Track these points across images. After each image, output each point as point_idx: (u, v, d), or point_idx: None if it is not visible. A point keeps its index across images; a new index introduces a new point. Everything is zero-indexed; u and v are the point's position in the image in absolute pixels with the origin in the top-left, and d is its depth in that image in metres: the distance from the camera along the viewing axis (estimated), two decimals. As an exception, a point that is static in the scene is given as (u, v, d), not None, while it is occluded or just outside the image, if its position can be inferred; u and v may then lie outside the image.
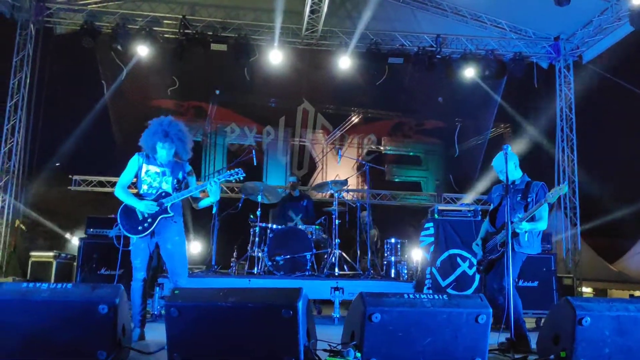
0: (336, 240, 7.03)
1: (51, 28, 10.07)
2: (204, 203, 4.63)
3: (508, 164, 4.95)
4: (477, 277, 6.51)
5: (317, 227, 7.26)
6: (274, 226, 7.10)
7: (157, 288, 5.95)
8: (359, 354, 3.01)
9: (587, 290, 15.05)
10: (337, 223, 7.13)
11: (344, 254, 7.20)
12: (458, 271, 6.60)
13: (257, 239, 6.93)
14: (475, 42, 11.11)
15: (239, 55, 10.41)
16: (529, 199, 4.70)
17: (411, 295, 3.24)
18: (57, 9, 9.96)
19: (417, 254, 7.42)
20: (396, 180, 13.13)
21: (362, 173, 12.80)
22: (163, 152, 4.52)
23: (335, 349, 3.31)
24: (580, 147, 11.01)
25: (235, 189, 11.17)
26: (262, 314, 2.90)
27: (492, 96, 11.71)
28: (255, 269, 6.83)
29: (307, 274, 6.68)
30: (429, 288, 6.53)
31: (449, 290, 6.52)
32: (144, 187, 4.52)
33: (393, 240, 7.33)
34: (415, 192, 12.92)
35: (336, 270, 6.91)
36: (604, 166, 13.23)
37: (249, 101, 11.65)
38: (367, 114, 12.51)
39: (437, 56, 10.84)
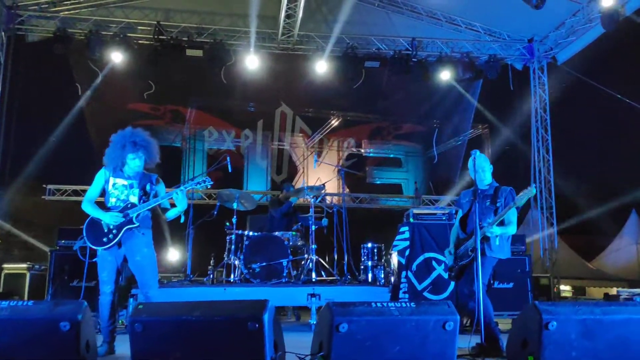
0: (313, 246, 7.01)
1: (23, 36, 9.92)
2: (171, 214, 4.62)
3: (486, 168, 5.00)
4: (453, 280, 6.53)
5: (293, 233, 7.23)
6: (251, 233, 7.06)
7: (131, 299, 5.88)
8: (326, 365, 3.01)
9: (565, 288, 15.23)
10: (313, 229, 7.10)
11: (321, 260, 7.19)
12: (434, 274, 6.62)
13: (233, 246, 6.89)
14: (451, 45, 11.18)
15: (214, 61, 10.39)
16: (497, 204, 4.74)
17: (379, 304, 3.24)
18: (28, 17, 9.82)
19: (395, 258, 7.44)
20: (377, 182, 13.19)
21: (347, 176, 13.00)
22: (136, 162, 4.51)
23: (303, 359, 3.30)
24: (555, 148, 11.13)
25: (213, 196, 11.11)
26: (227, 328, 2.88)
27: (469, 98, 11.82)
28: (232, 276, 6.79)
29: (283, 280, 6.65)
30: (405, 292, 6.54)
31: (425, 294, 6.54)
32: (112, 200, 4.50)
33: (370, 244, 7.33)
34: (395, 195, 12.98)
35: (313, 276, 6.89)
36: (579, 166, 13.44)
37: (226, 105, 11.62)
38: (346, 117, 12.54)
39: (413, 59, 10.90)
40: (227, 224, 7.06)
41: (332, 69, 10.73)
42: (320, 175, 12.93)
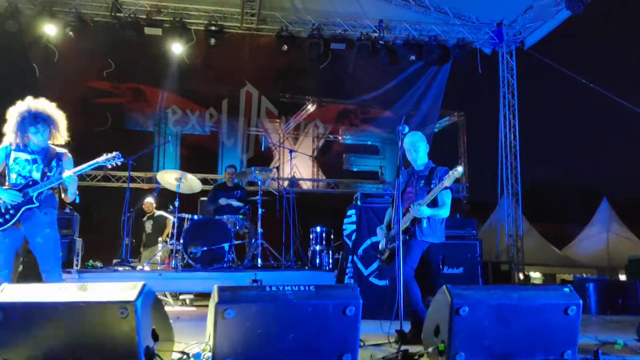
0: (259, 230, 6.81)
1: (-28, 11, 9.54)
2: (69, 194, 4.32)
3: (420, 147, 4.81)
4: (401, 265, 6.37)
5: (240, 217, 7.02)
6: (195, 217, 6.85)
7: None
8: (209, 355, 2.82)
9: (535, 275, 15.24)
10: (260, 212, 6.90)
11: (268, 245, 6.99)
12: (380, 259, 6.43)
13: (175, 230, 6.67)
14: (419, 28, 10.96)
15: (174, 40, 10.13)
16: (432, 185, 4.55)
17: (274, 288, 3.04)
18: (-22, -9, 9.44)
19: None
20: (354, 169, 13.05)
21: (320, 163, 12.84)
22: (39, 136, 4.25)
23: (186, 350, 3.10)
24: (523, 133, 10.97)
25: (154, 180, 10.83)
26: (96, 314, 2.67)
27: (437, 83, 11.61)
28: (173, 261, 6.58)
29: (225, 266, 6.44)
30: (350, 277, 6.37)
31: (372, 279, 6.38)
32: (13, 176, 4.22)
33: (319, 228, 7.15)
34: (363, 180, 12.82)
35: (258, 261, 6.70)
36: (549, 153, 13.35)
37: (189, 84, 11.32)
38: (312, 99, 12.30)
39: (380, 42, 10.67)
40: (171, 207, 6.84)
41: (297, 50, 10.49)
42: (297, 162, 12.81)
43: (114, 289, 2.76)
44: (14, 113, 4.26)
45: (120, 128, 11.27)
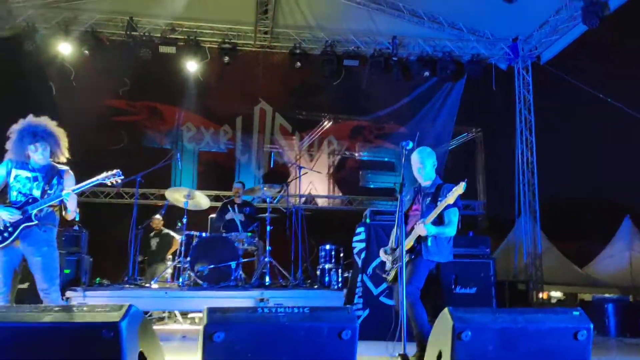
0: (267, 248, 6.72)
1: (-8, 31, 9.74)
2: (69, 211, 4.29)
3: (427, 163, 4.71)
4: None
5: (249, 234, 6.94)
6: (204, 234, 6.79)
7: (65, 302, 5.61)
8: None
9: (557, 294, 14.85)
10: (268, 230, 6.81)
11: (276, 263, 6.88)
12: (390, 279, 6.29)
13: (183, 247, 6.61)
14: (433, 44, 10.90)
15: (188, 58, 10.20)
16: (438, 203, 4.42)
17: (266, 310, 2.94)
18: (-3, 12, 9.63)
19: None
20: (371, 186, 12.96)
21: (336, 180, 12.77)
22: (38, 154, 4.24)
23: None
24: (541, 149, 10.77)
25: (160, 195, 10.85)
26: (80, 335, 2.60)
27: (452, 99, 11.50)
28: (181, 279, 6.51)
29: (231, 284, 6.35)
30: (359, 297, 6.23)
31: (382, 299, 6.24)
32: (13, 193, 4.22)
33: (328, 246, 7.03)
34: (379, 197, 12.71)
35: (267, 279, 6.60)
36: (569, 170, 13.05)
37: (204, 102, 11.39)
38: (328, 115, 12.27)
39: (394, 58, 10.60)
40: (179, 224, 6.80)
41: (310, 66, 10.50)
42: (313, 179, 12.76)
43: (100, 310, 2.69)
44: (14, 131, 4.25)
45: (136, 146, 11.36)
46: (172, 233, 8.03)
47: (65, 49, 9.70)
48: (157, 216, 8.20)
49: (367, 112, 12.06)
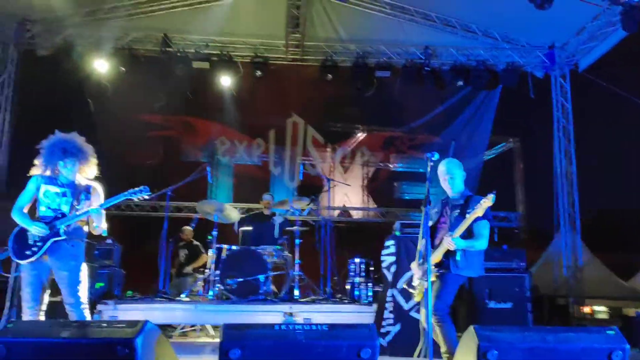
0: (296, 261, 6.68)
1: (33, 50, 10.06)
2: (96, 227, 4.34)
3: (456, 175, 4.60)
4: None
5: (278, 247, 6.92)
6: (234, 247, 6.80)
7: (97, 315, 5.70)
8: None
9: (600, 309, 14.32)
10: (297, 243, 6.78)
11: (306, 276, 6.83)
12: (422, 293, 6.15)
13: (213, 261, 6.64)
14: (466, 53, 10.72)
15: (221, 73, 10.32)
16: (467, 215, 4.30)
17: (283, 327, 2.90)
18: (37, 31, 9.95)
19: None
20: (406, 197, 12.83)
21: (370, 191, 12.68)
22: (67, 170, 4.30)
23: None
24: (581, 158, 10.45)
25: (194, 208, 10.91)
26: (97, 351, 2.61)
27: (487, 109, 11.30)
28: (211, 292, 6.53)
29: (260, 298, 6.33)
30: (390, 312, 6.13)
31: (412, 314, 6.11)
32: (42, 208, 4.30)
33: (357, 259, 6.94)
34: (415, 210, 12.54)
35: (295, 293, 6.55)
36: (609, 178, 12.64)
37: (237, 116, 11.48)
38: (358, 127, 12.23)
39: (426, 68, 10.47)
40: (209, 237, 6.83)
41: (342, 78, 10.48)
42: (348, 191, 12.72)
43: (116, 326, 2.69)
44: (44, 146, 4.33)
45: (173, 160, 11.53)
46: (201, 246, 8.08)
47: (102, 66, 9.94)
48: (188, 227, 8.27)
49: (400, 122, 11.96)
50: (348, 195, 12.60)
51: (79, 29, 9.96)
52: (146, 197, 4.41)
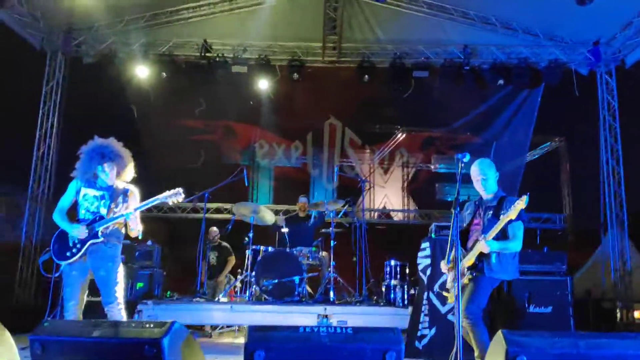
0: (332, 263, 6.69)
1: (79, 58, 10.42)
2: (132, 230, 4.46)
3: (489, 175, 4.51)
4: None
5: (313, 249, 6.95)
6: (270, 249, 6.87)
7: (137, 315, 5.85)
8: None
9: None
10: (332, 245, 6.78)
11: (342, 278, 6.83)
12: (459, 296, 6.06)
13: (249, 262, 6.72)
14: (507, 51, 10.51)
15: (259, 77, 10.45)
16: (501, 216, 4.20)
17: (307, 329, 2.90)
18: (83, 39, 10.30)
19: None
20: (448, 199, 12.67)
21: (411, 193, 12.58)
22: (106, 174, 4.44)
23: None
24: (628, 158, 10.08)
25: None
26: (125, 351, 2.68)
27: (528, 108, 11.04)
28: (247, 293, 6.61)
29: (295, 299, 6.37)
30: (426, 315, 6.05)
31: (450, 318, 6.01)
32: (82, 211, 4.46)
33: (393, 262, 6.89)
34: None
35: (331, 295, 6.56)
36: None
37: (275, 119, 11.58)
38: (397, 128, 12.15)
39: (465, 67, 10.32)
40: (246, 239, 6.92)
41: (379, 79, 10.44)
42: (388, 192, 12.67)
43: (145, 326, 2.76)
44: (84, 150, 4.48)
45: (214, 163, 11.70)
46: (229, 248, 8.10)
47: (144, 72, 10.21)
48: (214, 228, 8.32)
49: (439, 123, 11.82)
50: (388, 196, 12.54)
51: (122, 36, 10.26)
52: (180, 200, 4.51)
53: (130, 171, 4.62)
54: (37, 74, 10.08)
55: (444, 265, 4.54)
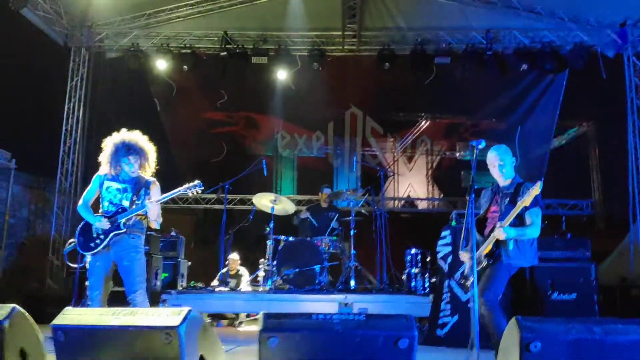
0: (352, 252, 6.72)
1: (103, 53, 10.59)
2: (152, 221, 4.53)
3: (506, 162, 4.47)
4: (501, 290, 5.91)
5: (334, 238, 6.98)
6: (290, 238, 6.93)
7: (161, 304, 5.97)
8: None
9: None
10: (352, 233, 6.80)
11: (360, 267, 6.86)
12: (480, 284, 6.03)
13: (270, 252, 6.79)
14: (530, 35, 10.32)
15: (279, 67, 10.47)
16: (518, 203, 4.16)
17: (320, 316, 2.93)
18: (106, 34, 10.46)
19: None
20: (475, 187, 12.51)
21: (435, 181, 12.48)
22: (130, 166, 4.52)
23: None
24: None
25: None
26: (143, 338, 2.75)
27: (554, 92, 10.84)
28: (269, 282, 6.68)
29: (316, 288, 6.42)
30: (447, 302, 6.04)
31: (470, 306, 5.98)
32: (105, 203, 4.54)
33: (414, 250, 6.88)
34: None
35: (352, 283, 6.59)
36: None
37: (296, 109, 11.57)
38: (421, 115, 12.05)
39: (488, 52, 10.17)
40: (267, 228, 6.98)
41: (399, 67, 10.36)
42: (412, 181, 12.60)
43: (161, 314, 2.83)
44: (109, 144, 4.56)
45: (237, 155, 11.76)
46: (245, 275, 8.08)
47: (166, 66, 10.32)
48: (235, 257, 8.16)
49: (462, 110, 11.68)
50: (413, 185, 12.47)
51: (143, 30, 10.38)
52: (199, 191, 4.56)
53: (152, 164, 4.68)
54: (62, 70, 10.25)
55: (463, 255, 4.50)
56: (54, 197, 9.98)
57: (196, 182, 4.55)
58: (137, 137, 4.66)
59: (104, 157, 4.61)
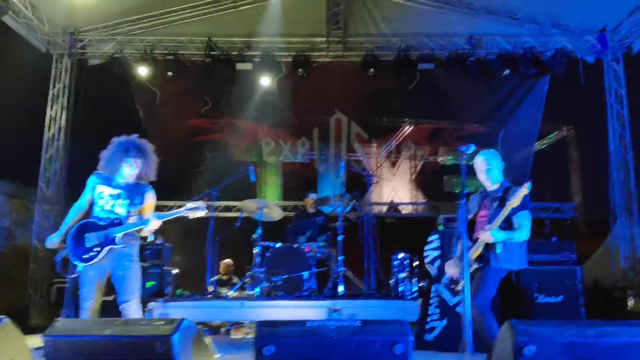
0: (339, 258, 6.71)
1: (85, 60, 10.48)
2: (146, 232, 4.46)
3: (494, 166, 4.51)
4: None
5: (321, 244, 6.97)
6: (277, 245, 6.90)
7: (148, 314, 5.90)
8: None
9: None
10: (340, 239, 6.80)
11: (350, 272, 6.86)
12: (468, 288, 6.06)
13: (258, 258, 6.76)
14: (512, 41, 10.46)
15: (264, 74, 10.46)
16: (506, 205, 4.20)
17: (315, 323, 2.92)
18: (89, 41, 10.36)
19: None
20: (456, 191, 12.60)
21: (419, 185, 12.52)
22: (131, 169, 4.39)
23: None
24: (637, 146, 10.00)
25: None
26: (136, 348, 2.71)
27: (535, 97, 10.98)
28: (258, 289, 6.64)
29: (304, 294, 6.40)
30: (436, 307, 6.06)
31: (459, 310, 6.00)
32: (97, 209, 4.39)
33: (401, 254, 6.90)
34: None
35: (340, 289, 6.59)
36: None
37: (281, 115, 11.50)
38: (403, 120, 12.10)
39: (471, 58, 10.31)
40: (254, 235, 6.95)
41: (384, 73, 10.43)
42: (396, 185, 12.62)
43: (155, 324, 2.80)
44: (118, 143, 4.43)
45: (220, 162, 11.65)
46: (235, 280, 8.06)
47: (149, 73, 10.25)
48: (229, 261, 8.12)
49: (446, 115, 11.75)
50: (396, 189, 12.49)
51: (126, 37, 10.30)
52: (201, 215, 4.47)
53: (153, 173, 4.57)
54: (44, 77, 10.12)
55: (450, 267, 4.52)
56: (34, 206, 9.82)
57: (198, 203, 4.46)
58: (146, 142, 4.57)
59: (106, 154, 4.45)
